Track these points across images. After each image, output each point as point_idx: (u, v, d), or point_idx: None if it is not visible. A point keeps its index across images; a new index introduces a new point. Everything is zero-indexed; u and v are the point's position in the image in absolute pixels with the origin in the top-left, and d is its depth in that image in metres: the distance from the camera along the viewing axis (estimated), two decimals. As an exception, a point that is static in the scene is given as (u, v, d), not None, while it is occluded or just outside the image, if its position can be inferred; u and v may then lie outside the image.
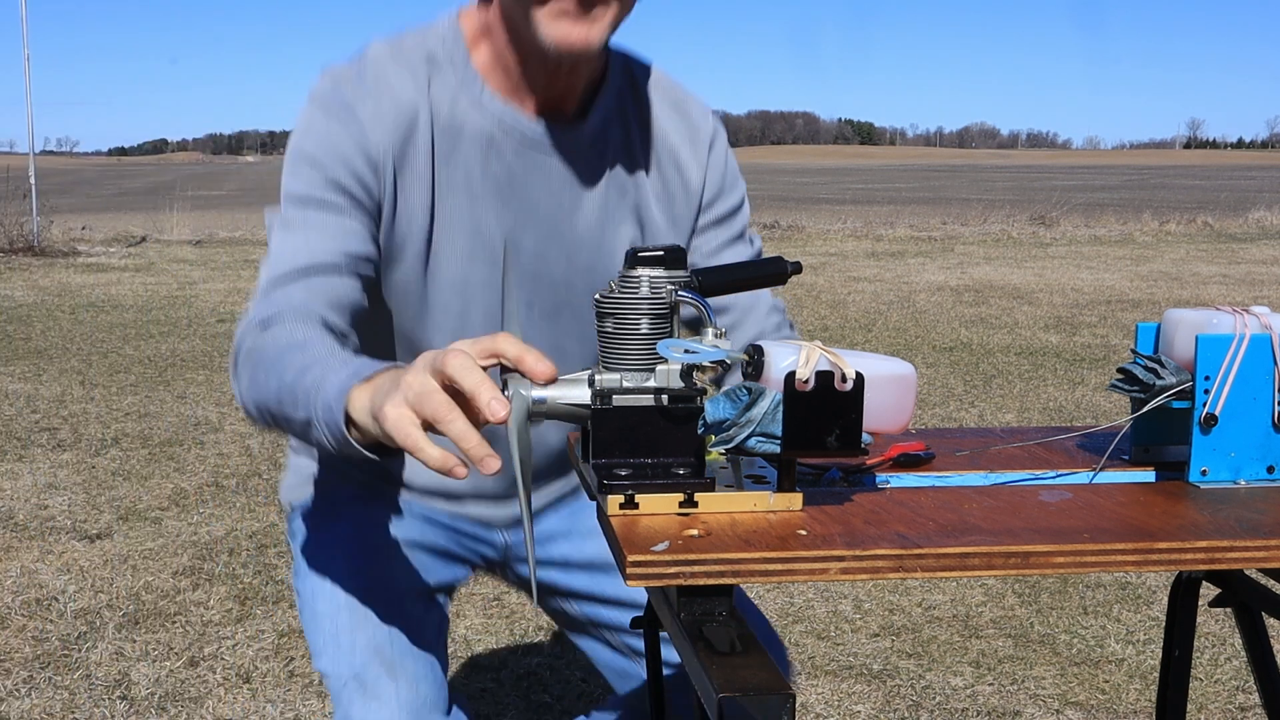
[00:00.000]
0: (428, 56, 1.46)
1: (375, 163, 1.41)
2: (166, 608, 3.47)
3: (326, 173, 1.39)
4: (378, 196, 1.42)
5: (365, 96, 1.42)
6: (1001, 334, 8.64)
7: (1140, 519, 1.05)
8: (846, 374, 1.00)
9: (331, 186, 1.39)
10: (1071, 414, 6.01)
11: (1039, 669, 3.07)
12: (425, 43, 1.47)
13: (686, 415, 1.06)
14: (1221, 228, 18.98)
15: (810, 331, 8.60)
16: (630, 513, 1.04)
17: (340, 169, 1.40)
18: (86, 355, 7.63)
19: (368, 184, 1.41)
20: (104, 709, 2.84)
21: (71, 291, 10.88)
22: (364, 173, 1.40)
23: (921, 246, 16.02)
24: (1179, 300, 10.57)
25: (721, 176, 1.62)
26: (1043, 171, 63.33)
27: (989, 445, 1.32)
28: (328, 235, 1.38)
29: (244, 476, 4.83)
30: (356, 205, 1.40)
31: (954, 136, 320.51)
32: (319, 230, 1.38)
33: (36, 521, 4.25)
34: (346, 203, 1.40)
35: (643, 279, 1.10)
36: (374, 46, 1.47)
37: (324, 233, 1.38)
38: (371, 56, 1.45)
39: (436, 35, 1.48)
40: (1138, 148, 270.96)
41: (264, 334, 1.28)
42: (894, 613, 3.45)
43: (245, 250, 15.10)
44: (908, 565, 0.95)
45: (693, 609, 0.96)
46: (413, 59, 1.45)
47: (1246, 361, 1.12)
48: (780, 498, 1.06)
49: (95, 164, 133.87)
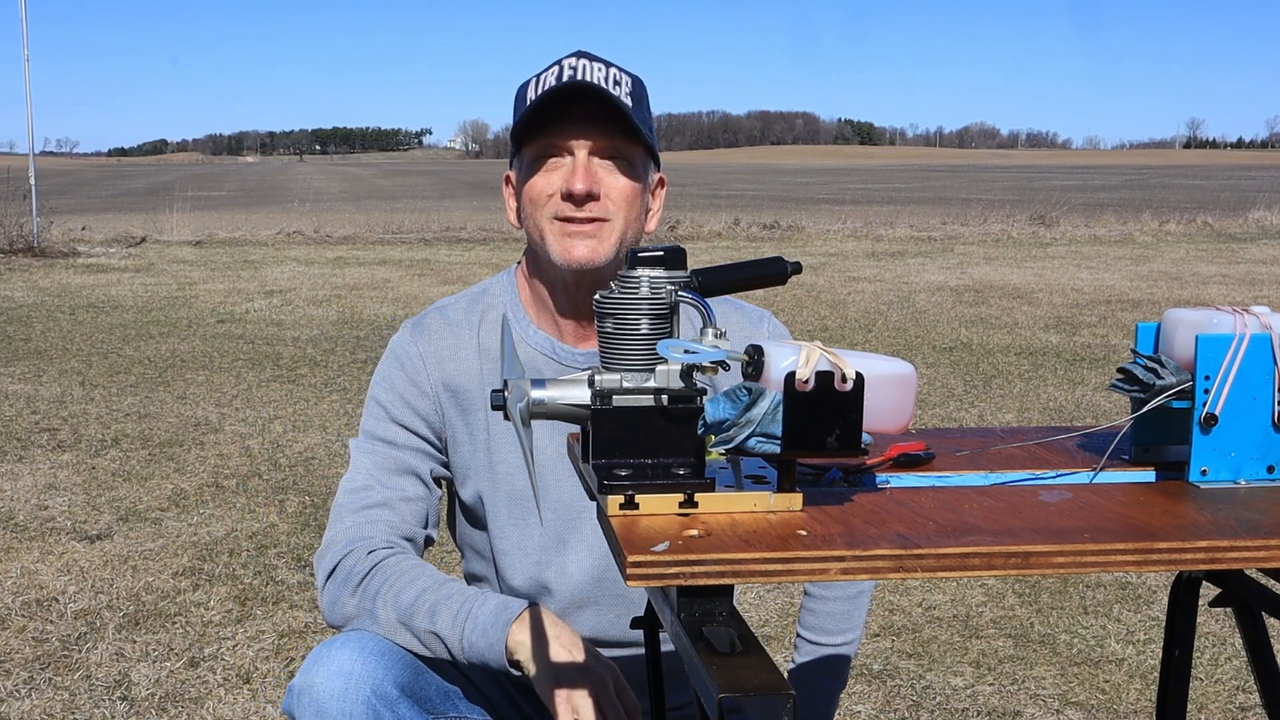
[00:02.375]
0: (484, 301, 1.73)
1: (430, 397, 1.68)
2: (166, 608, 3.47)
3: (389, 412, 1.68)
4: (436, 426, 1.69)
5: (423, 340, 1.70)
6: (1001, 334, 8.64)
7: (1140, 519, 1.05)
8: (846, 374, 1.00)
9: (393, 423, 1.68)
10: (1071, 414, 6.01)
11: (1039, 669, 3.07)
12: (486, 290, 1.75)
13: (686, 415, 1.06)
14: (1221, 228, 18.98)
15: (810, 331, 8.60)
16: (630, 513, 1.03)
17: (400, 408, 1.68)
18: (86, 356, 7.63)
19: (425, 416, 1.68)
20: (104, 709, 2.84)
21: (71, 292, 10.87)
22: (420, 406, 1.68)
23: (921, 246, 16.01)
24: (1179, 300, 10.57)
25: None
26: (1043, 171, 63.33)
27: (989, 445, 1.32)
28: (392, 465, 1.66)
29: (244, 477, 4.83)
30: (416, 436, 1.68)
31: (954, 136, 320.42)
32: (385, 459, 1.66)
33: (37, 522, 4.25)
34: (405, 435, 1.68)
35: (643, 279, 1.09)
36: (443, 299, 1.77)
37: (390, 463, 1.66)
38: (437, 306, 1.75)
39: (497, 283, 1.75)
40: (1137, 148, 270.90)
41: (372, 559, 1.57)
42: (894, 613, 3.45)
43: (245, 250, 15.10)
44: (908, 565, 0.95)
45: (693, 609, 0.96)
46: (471, 305, 1.73)
47: (1246, 361, 1.12)
48: (780, 498, 1.06)
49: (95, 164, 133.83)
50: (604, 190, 1.60)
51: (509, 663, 1.48)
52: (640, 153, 1.63)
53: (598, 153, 1.60)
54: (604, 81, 1.59)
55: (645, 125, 1.63)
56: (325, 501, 4.48)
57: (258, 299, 10.54)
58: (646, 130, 1.63)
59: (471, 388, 1.68)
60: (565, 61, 1.62)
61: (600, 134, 1.59)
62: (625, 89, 1.61)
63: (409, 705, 1.52)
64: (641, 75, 1.67)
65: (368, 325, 9.02)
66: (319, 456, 5.15)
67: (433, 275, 12.48)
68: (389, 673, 1.50)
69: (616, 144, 1.60)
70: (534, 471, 1.08)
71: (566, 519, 1.70)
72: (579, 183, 1.57)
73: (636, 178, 1.63)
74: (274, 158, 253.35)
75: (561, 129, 1.59)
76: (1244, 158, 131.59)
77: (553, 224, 1.60)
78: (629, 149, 1.61)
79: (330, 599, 1.59)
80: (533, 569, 1.71)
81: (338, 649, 1.49)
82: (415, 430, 1.69)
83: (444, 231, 17.53)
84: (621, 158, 1.61)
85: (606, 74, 1.60)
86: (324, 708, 1.45)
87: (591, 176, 1.59)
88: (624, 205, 1.61)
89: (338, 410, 6.06)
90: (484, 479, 1.69)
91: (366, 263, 13.77)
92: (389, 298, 10.66)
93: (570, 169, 1.59)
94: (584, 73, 1.59)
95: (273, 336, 8.49)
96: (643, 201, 1.65)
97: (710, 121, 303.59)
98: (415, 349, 1.70)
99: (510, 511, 1.70)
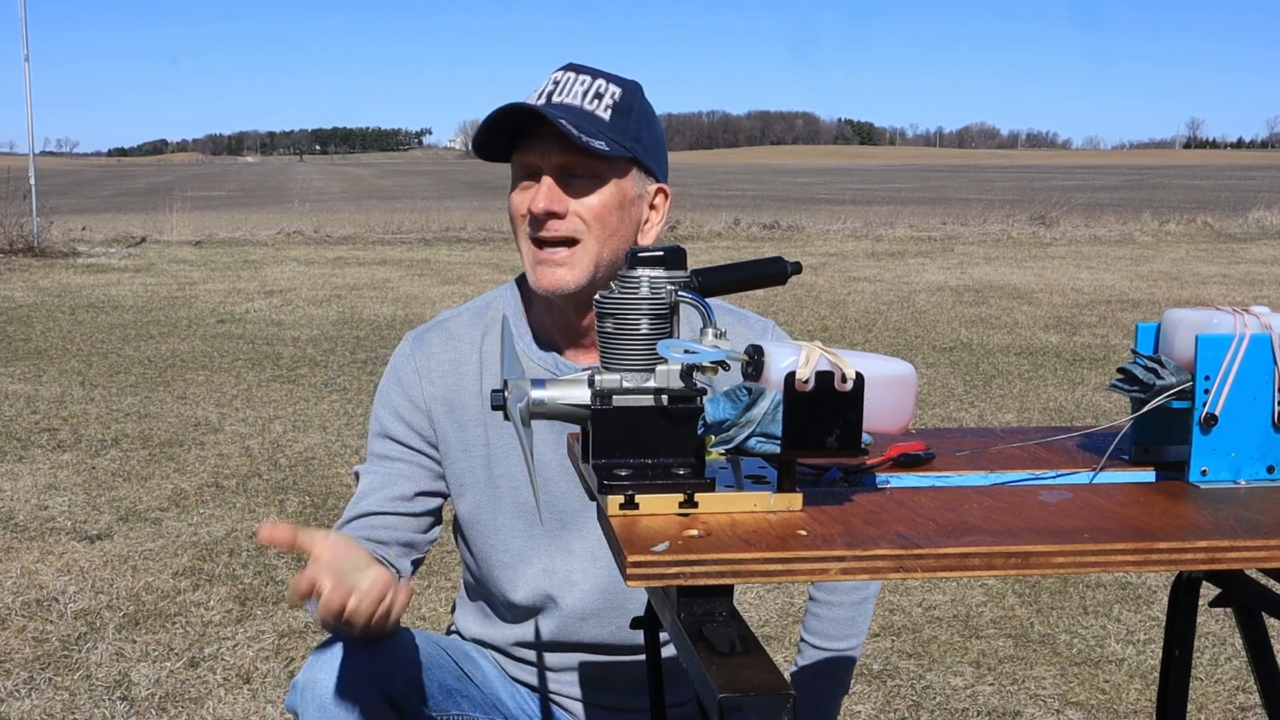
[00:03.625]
0: (488, 316, 1.72)
1: (423, 411, 1.69)
2: (166, 608, 3.47)
3: (384, 426, 1.71)
4: (429, 438, 1.70)
5: (421, 355, 1.70)
6: (1001, 334, 8.64)
7: (1140, 519, 1.05)
8: (846, 374, 1.00)
9: (385, 437, 1.70)
10: (1071, 414, 6.01)
11: (1039, 669, 3.07)
12: (490, 304, 1.74)
13: (686, 415, 1.06)
14: (1221, 228, 18.98)
15: (810, 331, 8.60)
16: (630, 513, 1.03)
17: (394, 422, 1.70)
18: (86, 356, 7.63)
19: (418, 428, 1.69)
20: (104, 710, 2.84)
21: (71, 292, 10.87)
22: (412, 419, 1.69)
23: (921, 246, 16.01)
24: (1179, 300, 10.57)
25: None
26: (1043, 171, 63.32)
27: (989, 445, 1.32)
28: (383, 482, 1.68)
29: (244, 477, 4.83)
30: (407, 449, 1.69)
31: (954, 136, 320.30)
32: (375, 476, 1.69)
33: (37, 522, 4.25)
34: (396, 448, 1.70)
35: (643, 279, 1.09)
36: (446, 312, 1.76)
37: (378, 479, 1.69)
38: (440, 319, 1.75)
39: (500, 296, 1.74)
40: (1137, 148, 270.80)
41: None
42: (894, 613, 3.45)
43: (245, 250, 15.10)
44: (908, 565, 0.95)
45: (693, 609, 0.96)
46: (474, 319, 1.72)
47: (1246, 361, 1.12)
48: (780, 498, 1.06)
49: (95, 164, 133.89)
50: (572, 208, 1.57)
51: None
52: (619, 167, 1.59)
53: (567, 171, 1.57)
54: (581, 96, 1.58)
55: (626, 138, 1.58)
56: (325, 502, 4.48)
57: (258, 299, 10.54)
58: (628, 143, 1.58)
59: (471, 403, 1.68)
60: (553, 76, 1.63)
61: (560, 152, 1.56)
62: (607, 100, 1.59)
63: (413, 703, 1.52)
64: (642, 75, 1.64)
65: (368, 325, 9.02)
66: (319, 456, 5.15)
67: (433, 275, 12.48)
68: (394, 670, 1.50)
69: (584, 162, 1.56)
70: (534, 471, 1.08)
71: (570, 527, 1.69)
72: (540, 202, 1.56)
73: (611, 194, 1.58)
74: (274, 158, 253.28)
75: (529, 148, 1.58)
76: (1244, 158, 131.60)
77: (528, 246, 1.60)
78: (599, 166, 1.57)
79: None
80: (537, 580, 1.70)
81: (342, 645, 1.49)
82: (408, 444, 1.69)
83: (444, 231, 17.54)
84: (592, 175, 1.58)
85: (589, 87, 1.59)
86: (328, 704, 1.45)
87: (552, 196, 1.56)
88: (595, 223, 1.57)
89: (338, 410, 6.06)
90: (482, 492, 1.69)
91: (366, 263, 13.77)
92: (389, 298, 10.66)
93: (535, 189, 1.59)
94: (563, 88, 1.60)
95: (273, 336, 8.49)
96: (627, 215, 1.61)
97: (710, 121, 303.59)
98: (412, 363, 1.71)
99: (512, 525, 1.69)
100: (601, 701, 1.76)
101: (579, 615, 1.70)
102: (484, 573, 1.74)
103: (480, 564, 1.74)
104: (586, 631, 1.71)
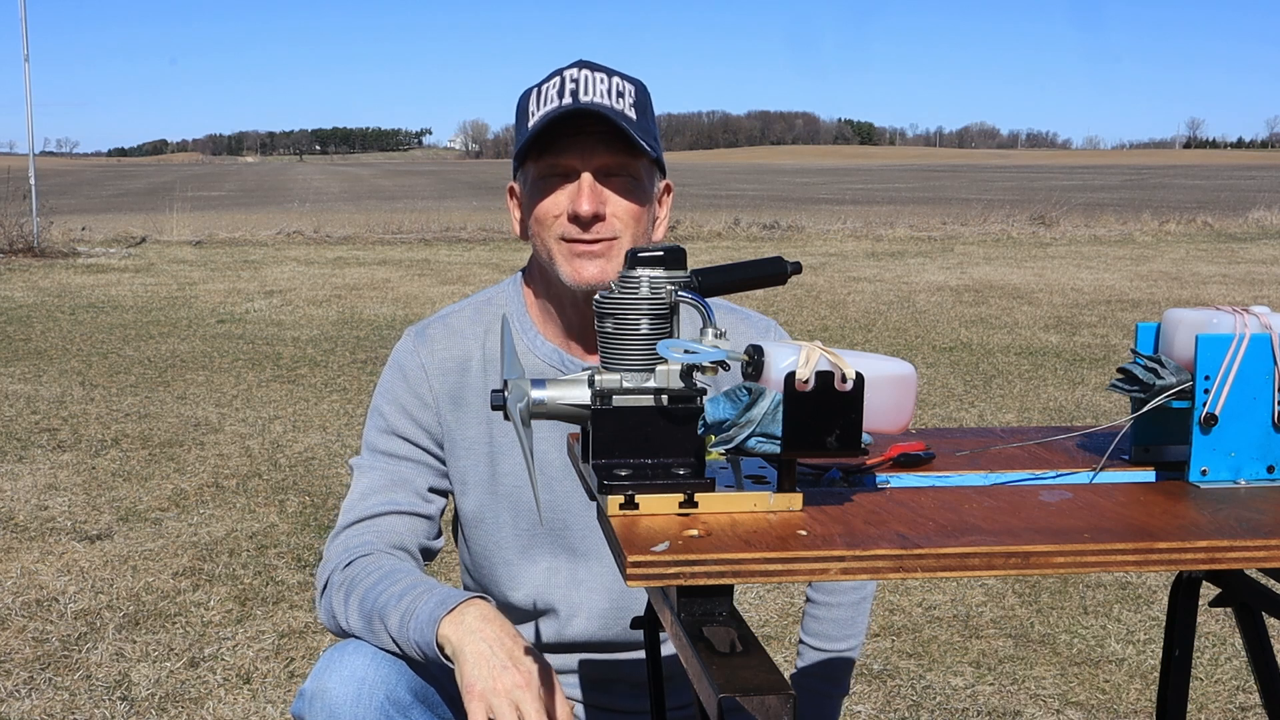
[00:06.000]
0: (489, 311, 1.70)
1: (431, 407, 1.66)
2: (166, 608, 3.47)
3: (389, 422, 1.67)
4: (436, 436, 1.67)
5: (425, 349, 1.68)
6: (1001, 334, 8.64)
7: (1140, 519, 1.05)
8: (846, 374, 1.00)
9: (392, 434, 1.67)
10: (1071, 414, 6.01)
11: (1039, 669, 3.07)
12: (491, 299, 1.72)
13: (686, 415, 1.06)
14: (1221, 228, 18.98)
15: (810, 331, 8.60)
16: (630, 513, 1.03)
17: (400, 418, 1.66)
18: (86, 356, 7.63)
19: (426, 426, 1.66)
20: (104, 710, 2.84)
21: (71, 292, 10.87)
22: (420, 416, 1.66)
23: (921, 246, 16.01)
24: (1179, 300, 10.57)
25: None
26: (1042, 171, 63.32)
27: (989, 445, 1.32)
28: (390, 481, 1.65)
29: (244, 477, 4.83)
30: (415, 447, 1.67)
31: (954, 136, 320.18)
32: (382, 474, 1.65)
33: (37, 522, 4.25)
34: (404, 446, 1.66)
35: (643, 279, 1.09)
36: (447, 306, 1.75)
37: (385, 476, 1.65)
38: (441, 314, 1.73)
39: (502, 292, 1.73)
40: (1137, 148, 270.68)
41: (348, 570, 1.57)
42: (894, 613, 3.45)
43: (245, 251, 15.10)
44: (908, 565, 0.95)
45: (693, 609, 0.96)
46: (476, 314, 1.70)
47: (1246, 361, 1.12)
48: (780, 498, 1.06)
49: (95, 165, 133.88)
50: (610, 209, 1.57)
51: (445, 658, 1.44)
52: (646, 166, 1.61)
53: (603, 172, 1.57)
54: (607, 95, 1.56)
55: (650, 137, 1.60)
56: (325, 501, 4.48)
57: (258, 299, 10.54)
58: (651, 142, 1.60)
59: (474, 399, 1.66)
60: (567, 73, 1.58)
61: (605, 153, 1.56)
62: (629, 99, 1.58)
63: (422, 711, 1.51)
64: (642, 75, 1.64)
65: (368, 325, 9.02)
66: (319, 456, 5.15)
67: (433, 275, 12.48)
68: (402, 678, 1.49)
69: (622, 162, 1.57)
70: (534, 471, 1.08)
71: (574, 527, 1.68)
72: (585, 205, 1.54)
73: (643, 193, 1.60)
74: (274, 158, 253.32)
75: (566, 150, 1.56)
76: (1244, 158, 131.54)
77: (560, 245, 1.57)
78: (634, 166, 1.58)
79: (324, 616, 1.60)
80: (539, 579, 1.69)
81: (350, 653, 1.48)
82: (415, 441, 1.67)
83: (444, 231, 17.53)
84: (627, 175, 1.58)
85: (609, 85, 1.57)
86: (336, 712, 1.43)
87: (597, 198, 1.56)
88: (631, 223, 1.58)
89: (338, 410, 6.06)
90: (485, 489, 1.68)
91: (366, 263, 13.77)
92: (389, 298, 10.66)
93: (576, 190, 1.56)
94: (586, 86, 1.56)
95: (273, 336, 8.49)
96: (649, 212, 1.63)
97: (710, 121, 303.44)
98: (417, 358, 1.68)
99: (515, 523, 1.68)
100: (602, 703, 1.76)
101: (580, 616, 1.70)
102: (484, 571, 1.73)
103: (481, 562, 1.73)
104: (588, 632, 1.71)
